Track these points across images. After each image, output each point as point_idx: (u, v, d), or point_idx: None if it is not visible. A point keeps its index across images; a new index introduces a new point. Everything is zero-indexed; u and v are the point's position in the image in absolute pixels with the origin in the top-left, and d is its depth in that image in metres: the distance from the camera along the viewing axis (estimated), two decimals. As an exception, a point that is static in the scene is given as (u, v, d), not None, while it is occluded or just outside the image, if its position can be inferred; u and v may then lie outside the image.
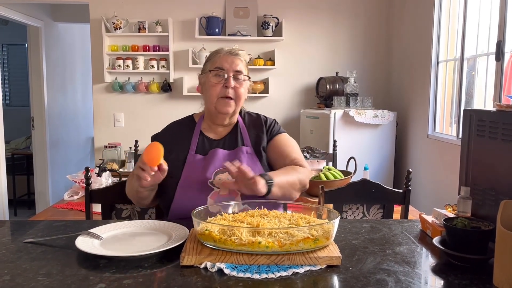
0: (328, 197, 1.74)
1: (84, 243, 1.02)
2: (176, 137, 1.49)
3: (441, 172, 2.96)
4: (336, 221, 1.01)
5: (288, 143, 1.50)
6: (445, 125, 3.08)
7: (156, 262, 0.95)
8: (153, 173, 1.22)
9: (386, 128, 3.39)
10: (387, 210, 1.82)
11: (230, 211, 1.17)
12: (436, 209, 1.19)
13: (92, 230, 1.11)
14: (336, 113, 3.30)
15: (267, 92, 3.81)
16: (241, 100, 1.44)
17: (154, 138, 1.54)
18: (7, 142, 5.46)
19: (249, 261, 0.93)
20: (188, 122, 1.54)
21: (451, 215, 1.14)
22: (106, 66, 3.70)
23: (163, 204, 1.47)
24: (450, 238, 1.01)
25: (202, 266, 0.92)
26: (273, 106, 3.86)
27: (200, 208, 1.10)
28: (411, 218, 1.99)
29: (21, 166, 5.06)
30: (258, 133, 1.49)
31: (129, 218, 1.81)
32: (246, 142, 1.46)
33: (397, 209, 1.91)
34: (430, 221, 1.17)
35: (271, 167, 1.48)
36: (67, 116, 5.09)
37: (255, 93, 3.77)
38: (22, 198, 4.97)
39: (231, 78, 1.41)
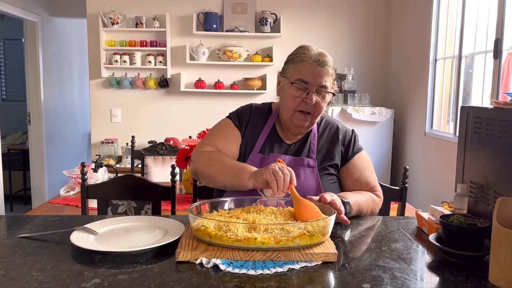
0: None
1: (79, 238, 1.01)
2: (251, 125, 1.39)
3: (438, 169, 2.97)
4: (332, 218, 1.01)
5: (366, 165, 1.40)
6: (443, 123, 3.09)
7: (151, 258, 0.95)
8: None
9: (383, 125, 3.39)
10: (383, 207, 1.81)
11: (226, 207, 1.16)
12: (432, 206, 1.19)
13: (87, 226, 1.10)
14: (333, 110, 3.30)
15: (265, 89, 3.80)
16: (319, 115, 1.33)
17: (234, 116, 1.41)
18: (3, 137, 5.45)
19: (244, 257, 0.93)
20: (265, 113, 1.42)
21: (447, 212, 1.14)
22: (103, 62, 3.68)
23: (217, 193, 1.39)
24: (446, 235, 1.01)
25: (198, 262, 0.92)
26: (270, 103, 3.85)
27: (195, 204, 1.09)
28: (408, 215, 2.00)
29: (17, 161, 5.04)
30: (331, 147, 1.38)
31: (125, 213, 1.81)
32: (312, 153, 1.36)
33: (394, 206, 1.91)
34: (426, 218, 1.17)
35: (342, 188, 1.40)
36: (64, 112, 5.06)
37: (253, 89, 3.76)
38: (18, 194, 4.95)
39: (314, 94, 1.28)
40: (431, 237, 1.03)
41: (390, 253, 1.00)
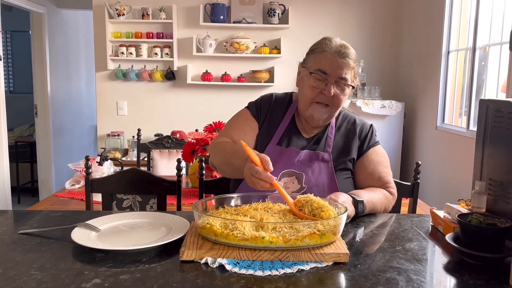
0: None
1: (80, 235, 0.98)
2: (270, 116, 1.35)
3: (450, 164, 2.90)
4: (344, 216, 0.96)
5: (381, 159, 1.35)
6: (455, 116, 3.01)
7: (154, 256, 0.91)
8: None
9: (393, 119, 3.32)
10: (395, 203, 1.77)
11: (232, 203, 1.12)
12: (448, 203, 1.13)
13: (89, 222, 1.07)
14: (342, 103, 3.23)
15: (272, 81, 3.74)
16: (339, 108, 1.29)
17: (252, 106, 1.38)
18: (11, 129, 5.45)
19: (252, 257, 0.89)
20: (286, 104, 1.38)
21: (464, 210, 1.09)
22: (109, 54, 3.64)
23: (233, 184, 1.37)
24: (464, 235, 0.96)
25: (203, 261, 0.88)
26: (278, 96, 3.79)
27: (200, 200, 1.05)
28: (419, 212, 1.94)
29: (24, 153, 5.04)
30: (348, 141, 1.34)
31: (129, 208, 1.78)
32: (328, 147, 1.32)
33: (405, 202, 1.85)
34: (442, 217, 1.12)
35: (355, 182, 1.36)
36: (71, 104, 5.05)
37: (260, 82, 3.70)
38: (25, 186, 4.97)
39: (332, 86, 1.24)
40: (448, 237, 0.98)
41: (405, 254, 0.96)
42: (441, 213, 1.15)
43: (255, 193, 1.17)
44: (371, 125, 1.42)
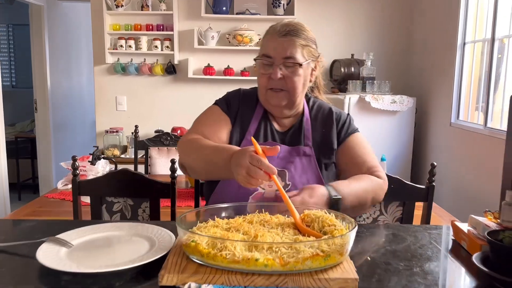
0: (341, 193, 1.55)
1: (47, 253, 0.85)
2: (241, 112, 1.26)
3: (465, 165, 2.73)
4: (352, 233, 0.82)
5: (363, 145, 1.27)
6: (471, 112, 2.83)
7: (130, 280, 0.78)
8: None
9: (404, 115, 3.16)
10: (407, 208, 1.63)
11: (223, 214, 0.98)
12: (473, 216, 0.99)
13: (61, 236, 0.94)
14: (351, 99, 3.08)
15: (277, 75, 3.58)
16: (296, 91, 1.19)
17: (222, 102, 1.29)
18: (12, 124, 5.38)
19: (243, 282, 0.75)
20: (255, 98, 1.29)
21: (491, 224, 0.94)
22: (108, 47, 3.51)
23: (207, 188, 1.26)
24: (495, 256, 0.81)
25: (185, 287, 0.75)
26: (283, 90, 3.64)
27: (186, 212, 0.92)
28: (434, 217, 1.79)
29: (25, 149, 4.96)
30: (327, 131, 1.26)
31: (120, 212, 1.65)
32: (307, 140, 1.24)
33: (417, 205, 1.71)
34: (466, 231, 0.97)
35: (340, 174, 1.26)
36: (71, 99, 4.95)
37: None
38: (26, 182, 4.89)
39: (278, 68, 1.16)
40: (475, 258, 0.84)
41: (424, 277, 0.81)
42: (464, 226, 1.00)
43: (250, 202, 1.03)
44: (348, 114, 1.35)
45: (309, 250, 0.77)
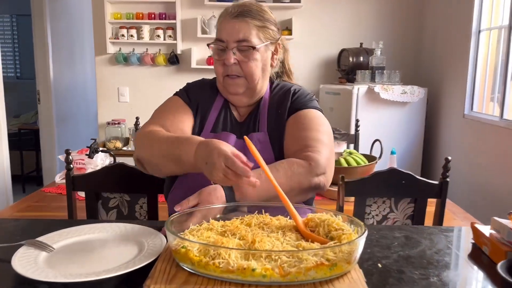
0: (349, 189, 1.47)
1: (24, 258, 0.77)
2: (202, 102, 1.19)
3: (479, 159, 2.61)
4: (362, 239, 0.73)
5: (308, 122, 1.10)
6: (485, 103, 2.71)
7: (113, 290, 0.70)
8: None
9: (415, 106, 3.04)
10: (419, 205, 1.53)
11: (218, 215, 0.90)
12: (496, 218, 0.89)
13: (43, 238, 0.86)
14: (359, 89, 2.96)
15: (283, 65, 3.47)
16: (254, 77, 1.11)
17: (182, 93, 1.22)
18: (17, 116, 5.35)
19: (238, 295, 0.67)
20: (215, 87, 1.21)
21: (517, 227, 0.85)
22: (109, 36, 3.43)
23: (167, 185, 1.19)
24: (523, 266, 0.72)
25: (173, 299, 0.66)
26: (289, 81, 3.54)
27: (177, 214, 0.83)
28: (447, 214, 1.69)
29: (29, 141, 4.93)
30: (282, 111, 1.15)
31: (117, 208, 1.58)
32: (262, 126, 1.14)
33: (429, 202, 1.61)
34: (487, 235, 0.88)
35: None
36: (75, 90, 4.89)
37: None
38: (31, 174, 4.86)
39: (231, 53, 1.08)
40: (501, 267, 0.74)
41: (443, 289, 0.72)
42: (486, 230, 0.90)
43: (248, 203, 0.94)
44: (313, 94, 1.23)
45: (313, 258, 0.68)
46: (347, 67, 3.30)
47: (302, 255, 0.69)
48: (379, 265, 0.82)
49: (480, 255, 0.88)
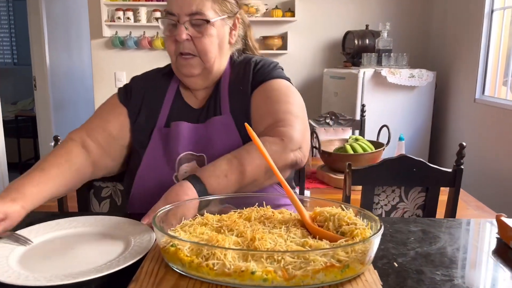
0: (356, 177, 1.38)
1: (-5, 256, 0.69)
2: (149, 96, 1.07)
3: (491, 144, 2.51)
4: (378, 237, 0.64)
5: (275, 93, 0.99)
6: (498, 87, 2.59)
7: (93, 295, 0.61)
8: None
9: (423, 90, 2.93)
10: (430, 194, 1.44)
11: (215, 208, 0.80)
12: (526, 211, 0.79)
13: (22, 231, 0.78)
14: (365, 73, 2.85)
15: (286, 49, 3.37)
16: (209, 54, 0.99)
17: (122, 89, 1.13)
18: (14, 103, 5.25)
19: (235, 301, 0.58)
20: (166, 76, 1.10)
21: (550, 221, 0.75)
22: (105, 19, 3.31)
23: (125, 185, 1.11)
24: None
25: (161, 306, 0.58)
26: (292, 65, 3.42)
27: (167, 207, 0.74)
28: (461, 204, 1.61)
29: (27, 128, 4.84)
30: (244, 87, 1.02)
31: (110, 198, 1.49)
32: (224, 108, 1.02)
33: (443, 190, 1.52)
34: (516, 229, 0.78)
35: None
36: (72, 76, 4.78)
37: (272, 49, 3.32)
38: (28, 162, 4.79)
39: (183, 27, 0.96)
40: (536, 268, 0.65)
41: (469, 293, 0.63)
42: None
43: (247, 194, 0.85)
44: (277, 62, 1.09)
45: (321, 259, 0.59)
46: (352, 50, 3.18)
47: (309, 256, 0.60)
48: (395, 264, 0.72)
49: (506, 252, 0.79)
